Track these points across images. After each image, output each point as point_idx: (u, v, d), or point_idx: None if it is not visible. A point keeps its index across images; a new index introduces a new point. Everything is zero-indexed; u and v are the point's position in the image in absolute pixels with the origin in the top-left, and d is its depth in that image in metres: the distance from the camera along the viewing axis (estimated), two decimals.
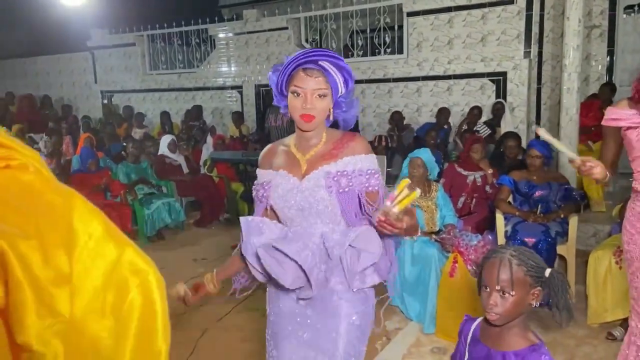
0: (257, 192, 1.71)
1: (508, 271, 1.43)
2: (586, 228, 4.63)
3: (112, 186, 5.64)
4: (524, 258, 1.45)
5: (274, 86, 1.65)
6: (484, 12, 6.60)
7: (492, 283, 1.44)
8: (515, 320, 1.48)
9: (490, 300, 1.45)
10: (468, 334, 1.61)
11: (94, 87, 10.54)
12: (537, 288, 1.46)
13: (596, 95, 5.98)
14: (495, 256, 1.47)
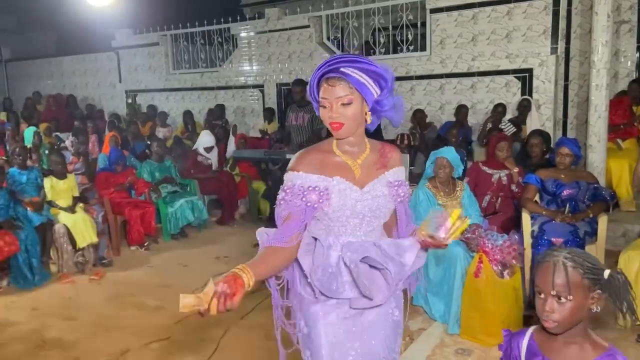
0: (304, 197, 1.58)
1: (563, 275, 1.34)
2: (615, 228, 4.52)
3: (137, 185, 5.71)
4: (579, 260, 1.36)
5: (312, 100, 1.66)
6: (509, 7, 6.49)
7: (547, 288, 1.35)
8: (576, 329, 1.39)
9: (546, 307, 1.35)
10: (520, 351, 1.49)
11: (118, 86, 10.70)
12: (597, 291, 1.36)
13: (625, 92, 5.83)
14: (549, 260, 1.38)
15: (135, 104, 10.27)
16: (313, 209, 1.60)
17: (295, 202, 1.59)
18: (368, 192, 1.64)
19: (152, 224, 5.54)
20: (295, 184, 1.60)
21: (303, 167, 1.61)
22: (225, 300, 1.43)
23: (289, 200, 1.60)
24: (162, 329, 3.59)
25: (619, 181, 5.06)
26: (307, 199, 1.59)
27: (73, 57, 11.37)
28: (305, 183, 1.60)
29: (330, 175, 1.61)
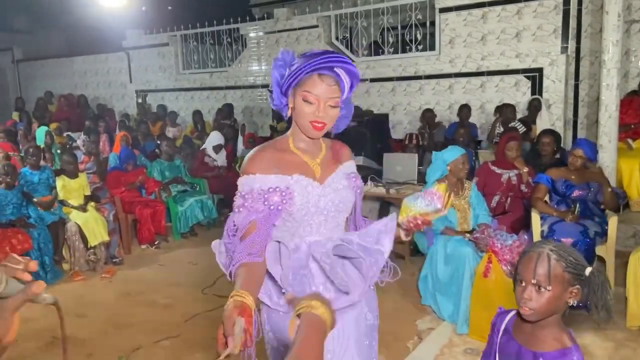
0: (266, 200, 1.49)
1: (546, 265, 1.38)
2: (626, 228, 4.50)
3: (147, 184, 5.77)
4: (564, 254, 1.40)
5: (276, 82, 1.53)
6: (519, 7, 6.47)
7: (528, 276, 1.40)
8: (550, 319, 1.43)
9: (524, 294, 1.40)
10: (500, 327, 1.56)
11: (129, 86, 10.78)
12: (576, 286, 1.40)
13: (636, 91, 5.78)
14: (534, 250, 1.43)
15: (146, 104, 10.34)
16: (278, 212, 1.50)
17: (258, 207, 1.49)
18: (329, 186, 1.58)
19: (162, 222, 5.59)
20: (253, 187, 1.50)
21: (259, 168, 1.51)
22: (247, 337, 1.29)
23: (250, 207, 1.49)
24: (173, 327, 3.62)
25: (629, 181, 5.03)
26: (269, 202, 1.49)
27: (84, 58, 11.47)
28: (264, 185, 1.50)
29: (289, 174, 1.52)
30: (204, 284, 4.38)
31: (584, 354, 3.10)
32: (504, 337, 1.54)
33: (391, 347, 3.18)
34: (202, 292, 4.24)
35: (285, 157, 1.55)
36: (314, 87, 1.47)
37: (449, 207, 1.55)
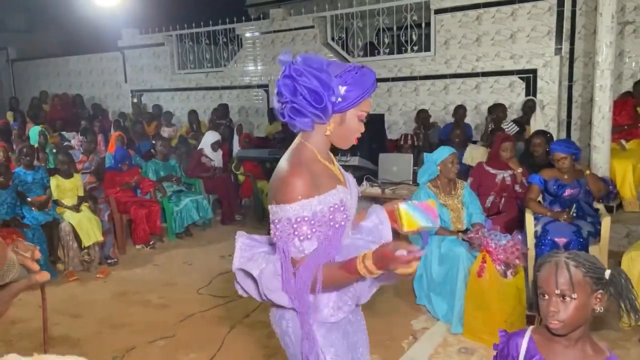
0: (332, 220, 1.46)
1: (566, 273, 1.34)
2: (619, 228, 4.53)
3: (142, 184, 5.76)
4: (581, 259, 1.37)
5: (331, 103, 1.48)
6: (513, 8, 6.50)
7: (551, 288, 1.34)
8: (578, 331, 1.38)
9: (550, 307, 1.34)
10: (519, 351, 1.46)
11: (124, 86, 10.75)
12: (600, 291, 1.36)
13: (630, 93, 5.82)
14: (550, 260, 1.39)
15: (141, 104, 10.32)
16: (342, 228, 1.51)
17: (325, 230, 1.47)
18: (351, 189, 1.63)
19: (157, 222, 5.58)
20: (315, 211, 1.45)
21: (312, 189, 1.47)
22: None
23: (319, 231, 1.46)
24: (167, 327, 3.62)
25: (622, 182, 5.06)
26: (335, 221, 1.48)
27: (79, 57, 11.43)
28: (325, 205, 1.47)
29: (333, 187, 1.52)
30: (199, 284, 4.38)
31: None
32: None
33: (386, 347, 3.19)
34: (198, 292, 4.24)
35: (321, 171, 1.54)
36: (368, 107, 1.56)
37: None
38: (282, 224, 1.46)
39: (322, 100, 1.46)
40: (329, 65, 1.51)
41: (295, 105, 1.48)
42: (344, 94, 1.48)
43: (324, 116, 1.49)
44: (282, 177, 1.49)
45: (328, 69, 1.49)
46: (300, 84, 1.45)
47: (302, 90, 1.46)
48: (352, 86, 1.49)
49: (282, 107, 1.52)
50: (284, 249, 1.47)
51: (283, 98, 1.50)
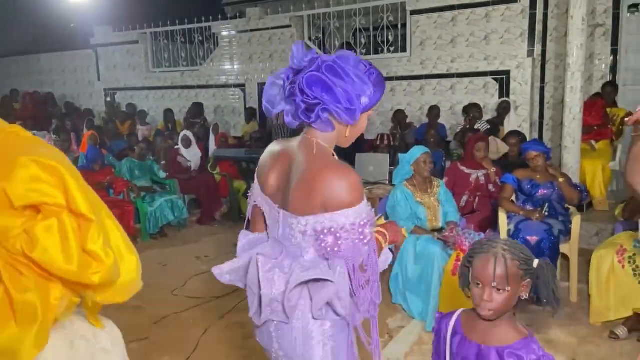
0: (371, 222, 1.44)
1: (504, 267, 1.41)
2: (589, 227, 4.62)
3: (115, 184, 5.66)
4: (516, 252, 1.44)
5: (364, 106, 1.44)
6: (487, 10, 6.59)
7: (487, 280, 1.42)
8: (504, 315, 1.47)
9: (484, 297, 1.42)
10: (447, 330, 1.56)
11: (97, 84, 10.57)
12: (527, 280, 1.45)
13: (600, 94, 5.96)
14: (488, 251, 1.44)
15: (114, 103, 10.16)
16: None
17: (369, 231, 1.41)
18: None
19: (130, 223, 5.49)
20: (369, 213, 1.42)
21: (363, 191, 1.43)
22: None
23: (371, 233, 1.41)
24: (141, 329, 3.56)
25: (592, 181, 5.17)
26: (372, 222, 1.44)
27: (51, 55, 11.20)
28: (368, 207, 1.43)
29: None
30: (174, 285, 4.32)
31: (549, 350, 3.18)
32: (456, 339, 1.54)
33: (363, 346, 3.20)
34: (172, 293, 4.18)
35: None
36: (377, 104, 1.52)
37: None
38: (346, 232, 1.35)
39: (354, 101, 1.41)
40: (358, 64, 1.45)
41: (326, 105, 1.40)
42: (370, 94, 1.45)
43: (351, 118, 1.42)
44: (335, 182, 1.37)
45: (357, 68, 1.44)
46: (332, 82, 1.39)
47: (333, 88, 1.39)
48: (376, 87, 1.46)
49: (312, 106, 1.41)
50: (353, 255, 1.37)
51: (309, 97, 1.40)
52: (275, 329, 1.54)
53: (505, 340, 1.46)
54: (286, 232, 1.48)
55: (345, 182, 1.37)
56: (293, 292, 1.42)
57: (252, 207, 1.69)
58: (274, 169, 1.54)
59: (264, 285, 1.44)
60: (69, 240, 0.63)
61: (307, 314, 1.47)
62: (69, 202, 0.64)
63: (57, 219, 0.62)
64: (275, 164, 1.55)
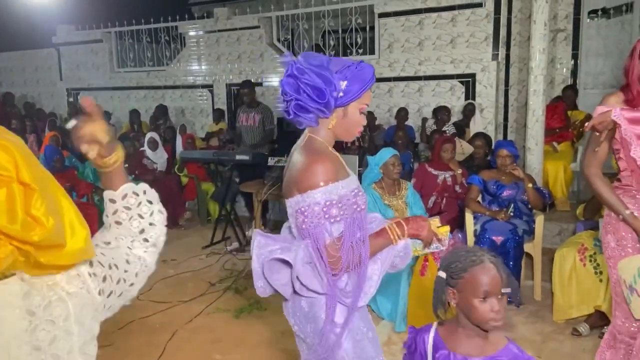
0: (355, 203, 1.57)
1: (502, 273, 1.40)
2: (552, 226, 4.74)
3: (78, 186, 5.50)
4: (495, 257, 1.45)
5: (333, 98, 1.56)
6: (453, 14, 6.70)
7: (497, 289, 1.37)
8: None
9: (496, 308, 1.37)
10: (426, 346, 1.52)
11: (59, 84, 10.27)
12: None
13: (561, 97, 6.13)
14: (482, 261, 1.41)
15: (77, 103, 9.88)
16: (363, 212, 1.62)
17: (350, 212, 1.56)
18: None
19: (94, 227, 5.32)
20: (340, 195, 1.54)
21: (335, 174, 1.56)
22: None
23: (345, 215, 1.55)
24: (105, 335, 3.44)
25: (554, 182, 5.31)
26: (357, 204, 1.59)
27: (11, 53, 10.81)
28: (348, 189, 1.57)
29: (349, 174, 1.65)
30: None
31: None
32: (440, 355, 1.49)
33: None
34: (137, 298, 4.05)
35: (335, 159, 1.64)
36: (369, 99, 1.65)
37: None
38: (311, 210, 1.51)
39: (325, 95, 1.53)
40: (330, 62, 1.58)
41: (300, 102, 1.56)
42: (345, 88, 1.56)
43: (327, 111, 1.57)
44: (305, 166, 1.55)
45: (329, 65, 1.57)
46: (303, 82, 1.53)
47: (305, 88, 1.53)
48: (352, 81, 1.57)
49: (287, 106, 1.60)
50: (316, 235, 1.51)
51: (287, 97, 1.58)
52: (290, 305, 1.71)
53: (490, 350, 1.44)
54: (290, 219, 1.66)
55: (314, 166, 1.53)
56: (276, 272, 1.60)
57: None
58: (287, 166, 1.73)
59: (255, 259, 1.64)
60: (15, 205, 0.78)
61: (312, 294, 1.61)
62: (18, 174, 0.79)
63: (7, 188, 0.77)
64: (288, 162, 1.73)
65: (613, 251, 2.25)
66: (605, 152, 2.23)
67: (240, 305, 3.88)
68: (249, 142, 5.72)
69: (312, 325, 1.66)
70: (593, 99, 6.39)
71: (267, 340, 3.36)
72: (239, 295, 4.08)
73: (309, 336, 1.68)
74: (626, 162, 2.17)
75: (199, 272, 4.64)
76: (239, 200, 6.02)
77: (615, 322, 2.30)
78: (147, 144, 6.46)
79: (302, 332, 1.70)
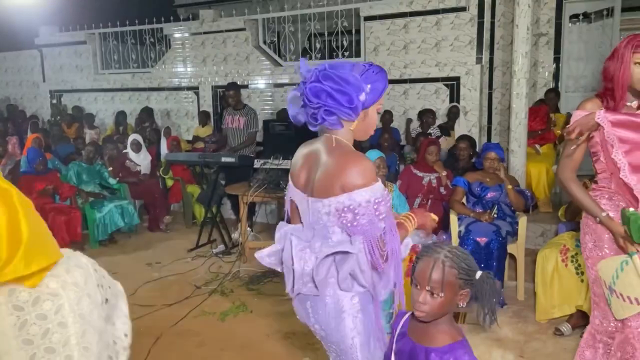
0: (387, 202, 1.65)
1: (440, 273, 1.44)
2: (534, 228, 4.80)
3: (61, 189, 5.44)
4: (457, 260, 1.46)
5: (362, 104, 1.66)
6: (438, 18, 6.76)
7: (424, 282, 1.46)
8: (442, 317, 1.50)
9: (419, 298, 1.46)
10: (398, 328, 1.63)
11: (42, 86, 10.15)
12: (466, 290, 1.48)
13: (543, 100, 6.22)
14: (430, 255, 1.48)
15: (60, 105, 9.78)
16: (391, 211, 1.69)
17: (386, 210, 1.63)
18: None
19: (77, 230, 5.29)
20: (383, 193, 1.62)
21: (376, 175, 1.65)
22: None
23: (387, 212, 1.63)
24: None
25: (537, 184, 5.37)
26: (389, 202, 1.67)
27: None
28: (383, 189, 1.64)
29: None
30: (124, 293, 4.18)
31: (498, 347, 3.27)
32: (399, 336, 1.60)
33: (316, 349, 3.20)
34: None
35: None
36: (383, 100, 1.74)
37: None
38: (362, 208, 1.57)
39: (353, 101, 1.63)
40: (353, 67, 1.67)
41: (329, 108, 1.64)
42: (369, 91, 1.66)
43: (354, 114, 1.65)
44: (350, 166, 1.60)
45: (353, 70, 1.65)
46: (332, 88, 1.61)
47: (333, 94, 1.62)
48: (375, 83, 1.67)
49: (315, 112, 1.66)
50: (372, 231, 1.58)
51: (313, 104, 1.65)
52: (310, 304, 1.75)
53: (436, 343, 1.50)
54: (315, 217, 1.70)
55: (359, 166, 1.60)
56: (321, 267, 1.65)
57: (289, 203, 1.90)
58: (304, 167, 1.78)
59: (296, 261, 1.68)
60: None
61: (337, 290, 1.68)
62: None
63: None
64: (305, 162, 1.78)
65: (591, 251, 2.29)
66: (581, 156, 2.26)
67: (225, 308, 3.87)
68: (234, 144, 5.71)
69: (336, 322, 1.70)
70: (575, 101, 6.47)
71: (253, 343, 3.35)
72: (225, 297, 4.07)
73: (332, 334, 1.73)
74: (606, 164, 2.21)
75: (184, 275, 4.62)
76: (225, 202, 6.00)
77: (593, 321, 2.34)
78: (130, 146, 6.42)
79: (325, 330, 1.75)
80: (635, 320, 2.15)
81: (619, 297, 2.15)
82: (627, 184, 2.13)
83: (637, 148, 2.10)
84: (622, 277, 2.13)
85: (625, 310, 2.15)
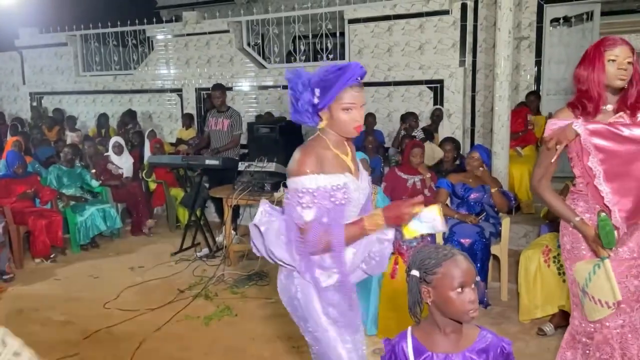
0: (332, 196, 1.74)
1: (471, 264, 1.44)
2: (517, 229, 4.84)
3: (42, 192, 5.35)
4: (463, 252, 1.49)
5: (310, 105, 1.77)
6: (421, 21, 6.80)
7: (471, 279, 1.40)
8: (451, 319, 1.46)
9: (472, 297, 1.38)
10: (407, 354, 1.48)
11: (22, 88, 9.99)
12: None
13: (524, 103, 6.29)
14: (453, 254, 1.43)
15: (41, 107, 9.64)
16: (342, 207, 1.76)
17: (325, 203, 1.73)
18: (362, 181, 1.90)
19: (58, 234, 5.20)
20: (319, 185, 1.72)
21: (317, 167, 1.74)
22: None
23: (319, 203, 1.72)
24: (70, 345, 3.38)
25: (520, 185, 5.44)
26: (335, 198, 1.75)
27: None
28: (328, 183, 1.73)
29: (342, 172, 1.79)
30: (105, 298, 4.13)
31: None
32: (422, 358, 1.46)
33: (301, 352, 3.18)
34: (104, 306, 3.99)
35: (330, 157, 1.80)
36: (352, 97, 1.76)
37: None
38: (290, 194, 1.76)
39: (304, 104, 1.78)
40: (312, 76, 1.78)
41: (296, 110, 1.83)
42: (319, 94, 1.75)
43: (309, 117, 1.81)
44: (294, 157, 1.79)
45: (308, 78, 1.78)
46: (292, 95, 1.81)
47: (292, 99, 1.81)
48: (323, 87, 1.74)
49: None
50: (289, 214, 1.75)
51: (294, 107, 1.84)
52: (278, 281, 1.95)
53: (467, 343, 1.45)
54: None
55: (296, 157, 1.77)
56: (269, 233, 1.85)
57: None
58: None
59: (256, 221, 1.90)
60: None
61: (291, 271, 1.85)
62: None
63: None
64: None
65: (569, 253, 2.32)
66: (555, 165, 2.28)
67: (210, 312, 3.83)
68: (217, 146, 5.68)
69: (286, 298, 1.91)
70: (556, 104, 6.58)
71: (238, 347, 3.32)
72: (209, 301, 4.04)
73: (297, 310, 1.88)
74: (581, 171, 2.23)
75: (168, 279, 4.57)
76: (209, 205, 5.96)
77: (573, 322, 2.36)
78: (111, 149, 6.34)
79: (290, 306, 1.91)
80: (613, 321, 2.18)
81: (591, 300, 2.17)
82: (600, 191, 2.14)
83: (613, 157, 2.12)
84: (595, 280, 2.16)
85: (597, 313, 2.18)
